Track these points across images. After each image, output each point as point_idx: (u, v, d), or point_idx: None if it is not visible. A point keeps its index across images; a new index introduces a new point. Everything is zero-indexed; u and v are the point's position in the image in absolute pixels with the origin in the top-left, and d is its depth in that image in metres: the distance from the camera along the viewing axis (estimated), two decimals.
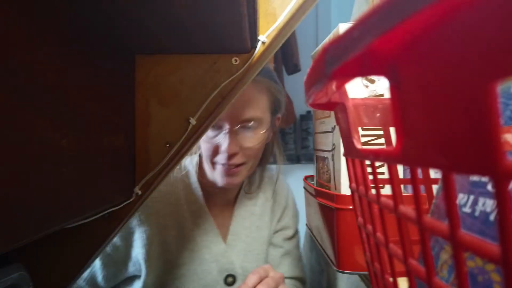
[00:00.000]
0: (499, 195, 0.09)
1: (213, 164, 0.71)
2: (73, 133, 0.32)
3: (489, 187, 0.21)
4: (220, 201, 0.80)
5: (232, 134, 0.67)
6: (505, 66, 0.08)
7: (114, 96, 0.41)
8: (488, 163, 0.08)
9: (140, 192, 0.46)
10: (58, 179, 0.30)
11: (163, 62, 0.47)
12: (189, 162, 0.80)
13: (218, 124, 0.68)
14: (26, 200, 0.26)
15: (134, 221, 0.71)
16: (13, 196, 0.24)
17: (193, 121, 0.47)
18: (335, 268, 0.51)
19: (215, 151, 0.69)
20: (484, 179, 0.22)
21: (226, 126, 0.66)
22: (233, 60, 0.47)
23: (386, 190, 0.49)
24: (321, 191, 0.56)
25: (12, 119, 0.24)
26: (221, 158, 0.69)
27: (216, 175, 0.72)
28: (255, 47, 0.47)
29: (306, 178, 0.74)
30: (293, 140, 2.02)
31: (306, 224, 0.76)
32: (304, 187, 0.72)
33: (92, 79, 0.36)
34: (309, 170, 0.74)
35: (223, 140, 0.67)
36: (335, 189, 0.53)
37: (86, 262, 0.43)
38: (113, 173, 0.41)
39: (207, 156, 0.71)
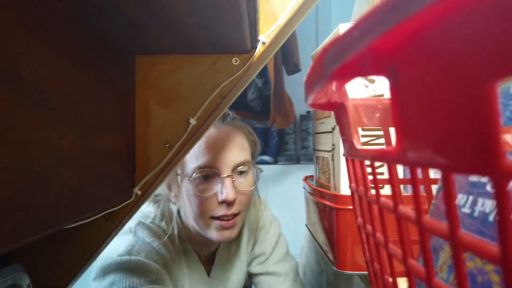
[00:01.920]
0: (498, 195, 0.09)
1: (208, 220, 0.67)
2: (72, 133, 0.32)
3: (488, 187, 0.21)
4: (205, 246, 0.80)
5: (229, 181, 0.65)
6: (505, 66, 0.08)
7: (113, 96, 0.41)
8: (488, 163, 0.08)
9: (139, 193, 0.46)
10: (58, 179, 0.30)
11: (163, 62, 0.47)
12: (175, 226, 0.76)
13: (211, 175, 0.66)
14: (25, 200, 0.26)
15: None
16: (12, 196, 0.24)
17: (193, 122, 0.47)
18: (334, 268, 0.51)
19: (210, 204, 0.66)
20: (483, 179, 0.22)
21: (221, 174, 0.65)
22: (233, 60, 0.47)
23: (386, 190, 0.49)
24: (321, 191, 0.56)
25: (12, 119, 0.24)
26: (219, 210, 0.66)
27: (212, 232, 0.68)
28: (255, 47, 0.47)
29: (306, 178, 0.74)
30: (293, 140, 2.02)
31: (306, 225, 0.76)
32: (304, 188, 0.72)
33: (92, 80, 0.36)
34: (309, 170, 0.74)
35: (220, 189, 0.65)
36: (335, 189, 0.53)
37: (86, 262, 0.43)
38: (112, 173, 0.41)
39: (201, 212, 0.66)
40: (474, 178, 0.23)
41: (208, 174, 0.66)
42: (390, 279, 0.23)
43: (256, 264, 0.85)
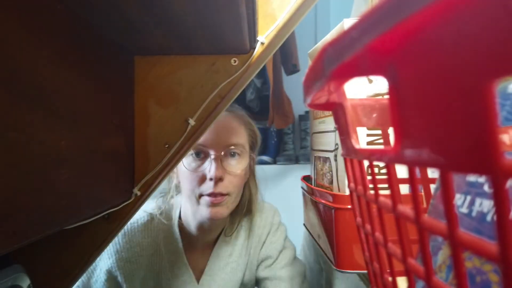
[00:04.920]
0: (496, 194, 0.09)
1: (197, 197, 0.70)
2: (72, 134, 0.32)
3: (486, 187, 0.21)
4: (200, 244, 0.80)
5: (218, 160, 0.68)
6: (503, 66, 0.08)
7: (113, 97, 0.41)
8: (486, 162, 0.09)
9: (139, 193, 0.46)
10: (58, 180, 0.30)
11: (162, 63, 0.47)
12: (172, 209, 0.79)
13: (203, 153, 0.69)
14: (25, 201, 0.26)
15: (118, 277, 0.72)
16: (12, 197, 0.24)
17: (192, 122, 0.47)
18: (334, 268, 0.51)
19: (200, 181, 0.68)
20: (481, 179, 0.22)
21: (212, 153, 0.67)
22: (232, 60, 0.47)
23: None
24: (319, 190, 0.56)
25: (12, 119, 0.24)
26: (207, 187, 0.67)
27: (202, 208, 0.70)
28: (254, 48, 0.47)
29: (303, 178, 0.74)
30: (291, 140, 2.03)
31: (304, 224, 0.76)
32: (302, 187, 0.72)
33: (91, 80, 0.36)
34: (308, 170, 0.74)
35: (209, 167, 0.67)
36: (339, 190, 0.53)
37: (86, 263, 0.43)
38: (112, 173, 0.41)
39: (191, 188, 0.69)
40: (471, 178, 0.23)
41: (200, 151, 0.69)
42: (390, 278, 0.23)
43: (264, 268, 0.84)
